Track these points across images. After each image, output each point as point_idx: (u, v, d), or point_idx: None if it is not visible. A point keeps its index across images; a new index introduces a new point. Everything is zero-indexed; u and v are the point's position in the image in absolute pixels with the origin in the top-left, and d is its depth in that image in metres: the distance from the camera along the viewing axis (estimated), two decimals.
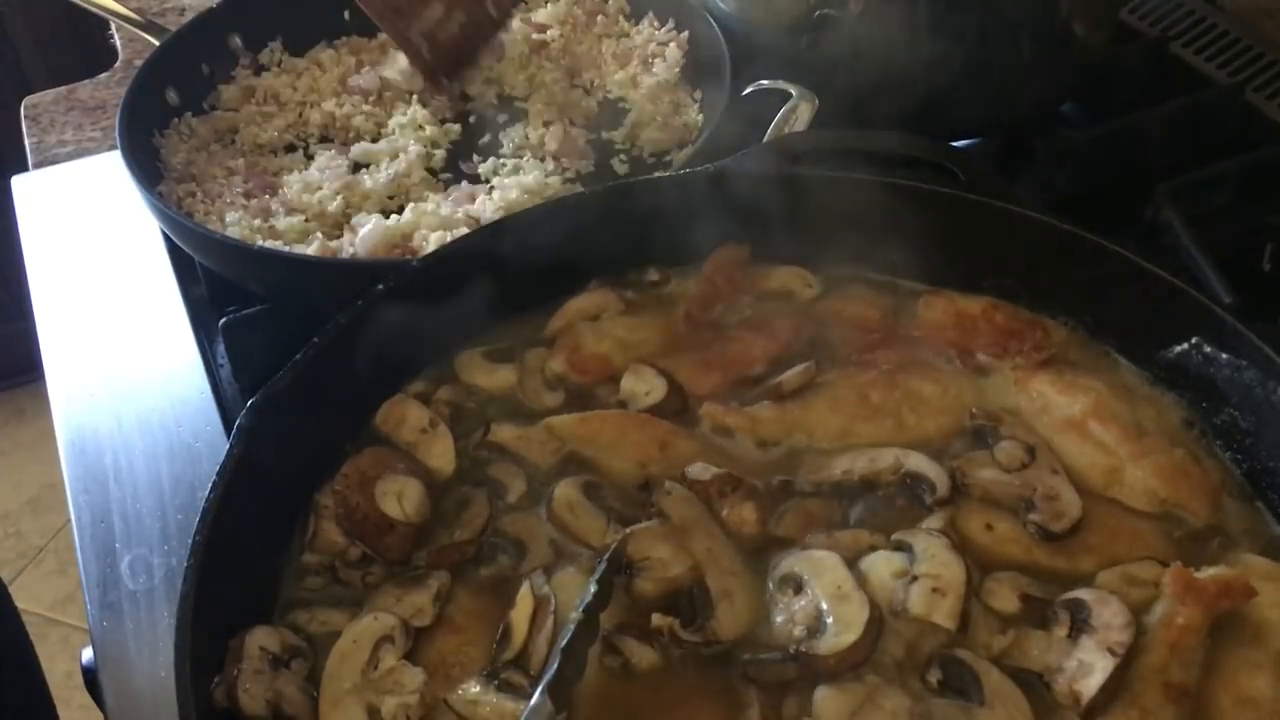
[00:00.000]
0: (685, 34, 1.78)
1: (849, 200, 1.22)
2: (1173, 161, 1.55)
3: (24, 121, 1.93)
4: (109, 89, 1.98)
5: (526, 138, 1.67)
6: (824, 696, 0.90)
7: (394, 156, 1.64)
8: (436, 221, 1.48)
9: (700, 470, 1.06)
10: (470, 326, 1.23)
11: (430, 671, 0.94)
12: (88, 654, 1.23)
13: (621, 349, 1.20)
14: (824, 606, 0.93)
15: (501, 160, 1.64)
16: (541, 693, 0.86)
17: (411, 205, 1.52)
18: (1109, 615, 0.93)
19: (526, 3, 1.93)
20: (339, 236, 1.50)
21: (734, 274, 1.26)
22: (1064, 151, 1.62)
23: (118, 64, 2.04)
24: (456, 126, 1.71)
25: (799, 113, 1.43)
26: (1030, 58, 1.55)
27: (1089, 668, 0.90)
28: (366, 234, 1.45)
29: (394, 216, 1.50)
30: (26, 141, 1.89)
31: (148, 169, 1.56)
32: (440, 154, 1.67)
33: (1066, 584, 0.99)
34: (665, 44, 1.78)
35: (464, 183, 1.59)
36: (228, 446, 1.01)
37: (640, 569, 0.98)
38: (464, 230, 1.43)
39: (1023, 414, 1.13)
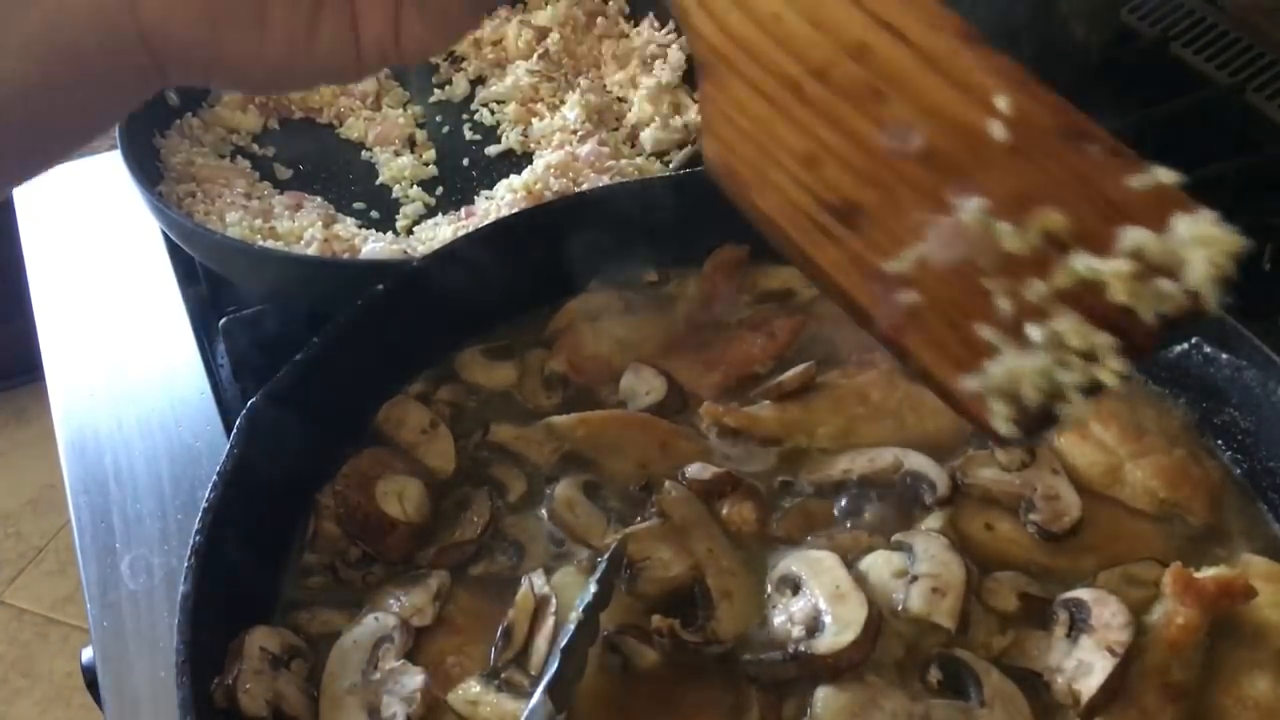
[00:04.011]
0: (686, 36, 1.78)
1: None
2: (1173, 162, 1.54)
3: None
4: None
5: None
6: (824, 696, 0.90)
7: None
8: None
9: (700, 470, 1.06)
10: (470, 326, 1.23)
11: (430, 671, 0.94)
12: (88, 654, 1.23)
13: (621, 349, 1.20)
14: (822, 606, 0.93)
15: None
16: (542, 693, 0.86)
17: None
18: (1108, 615, 0.93)
19: (525, 4, 1.93)
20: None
21: (734, 274, 1.26)
22: None
23: None
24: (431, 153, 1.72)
25: None
26: (1030, 58, 1.55)
27: (1089, 667, 0.90)
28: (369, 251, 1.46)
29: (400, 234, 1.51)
30: None
31: (148, 169, 1.56)
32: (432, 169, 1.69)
33: (1066, 584, 0.99)
34: (665, 46, 1.79)
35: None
36: (228, 446, 1.01)
37: (640, 569, 0.98)
38: None
39: None
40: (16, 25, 0.67)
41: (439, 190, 1.65)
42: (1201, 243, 0.71)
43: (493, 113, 1.77)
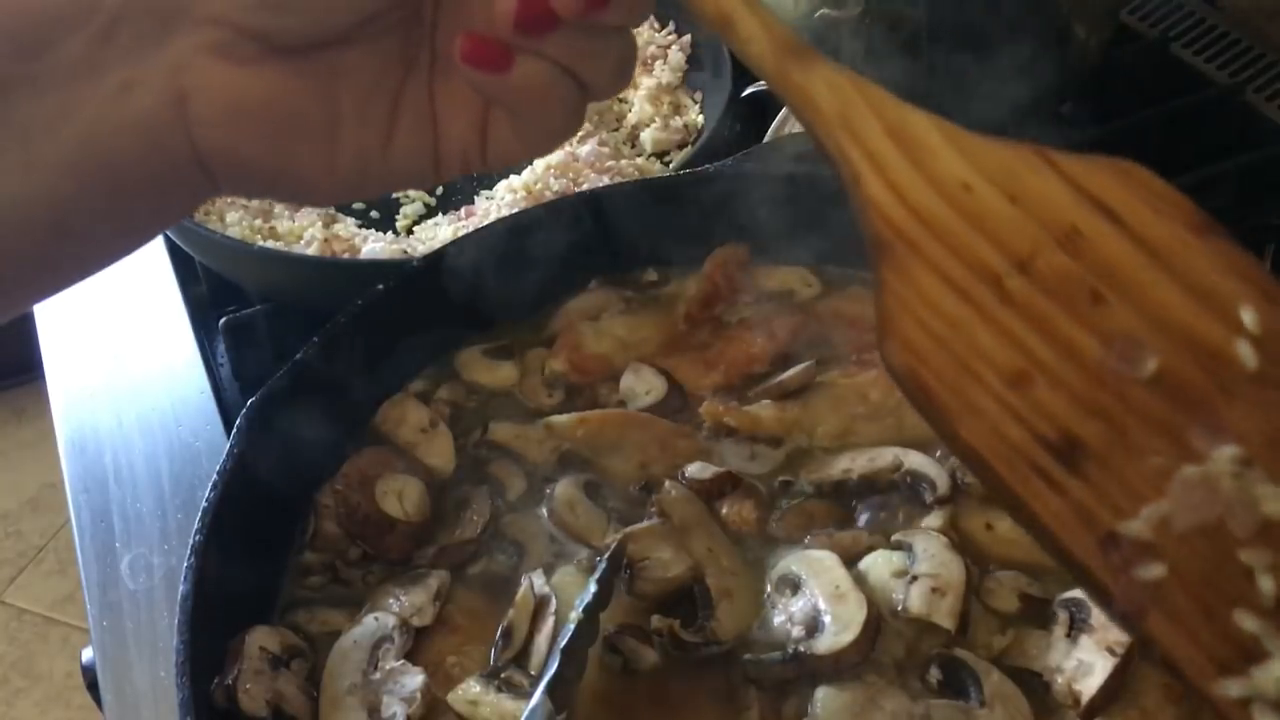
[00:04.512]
0: (687, 37, 1.78)
1: (849, 200, 1.22)
2: (1173, 161, 1.54)
3: None
4: None
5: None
6: (824, 696, 0.90)
7: None
8: None
9: (700, 470, 1.06)
10: (470, 326, 1.23)
11: (430, 671, 0.94)
12: (88, 654, 1.23)
13: (621, 348, 1.20)
14: (822, 606, 0.93)
15: None
16: (542, 693, 0.86)
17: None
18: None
19: None
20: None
21: (734, 274, 1.26)
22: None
23: None
24: None
25: None
26: (1030, 58, 1.55)
27: (1089, 667, 0.90)
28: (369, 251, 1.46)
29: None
30: None
31: None
32: None
33: (1066, 584, 0.98)
34: (665, 46, 1.79)
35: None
36: (228, 446, 1.01)
37: (640, 569, 0.98)
38: None
39: None
40: (52, 140, 0.61)
41: (439, 190, 1.65)
42: None
43: None
